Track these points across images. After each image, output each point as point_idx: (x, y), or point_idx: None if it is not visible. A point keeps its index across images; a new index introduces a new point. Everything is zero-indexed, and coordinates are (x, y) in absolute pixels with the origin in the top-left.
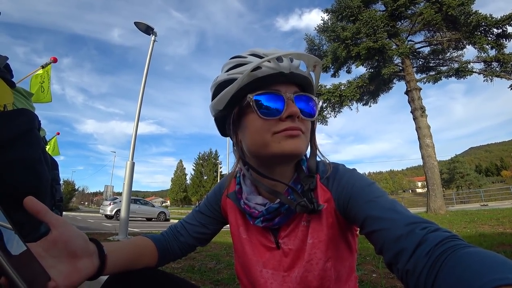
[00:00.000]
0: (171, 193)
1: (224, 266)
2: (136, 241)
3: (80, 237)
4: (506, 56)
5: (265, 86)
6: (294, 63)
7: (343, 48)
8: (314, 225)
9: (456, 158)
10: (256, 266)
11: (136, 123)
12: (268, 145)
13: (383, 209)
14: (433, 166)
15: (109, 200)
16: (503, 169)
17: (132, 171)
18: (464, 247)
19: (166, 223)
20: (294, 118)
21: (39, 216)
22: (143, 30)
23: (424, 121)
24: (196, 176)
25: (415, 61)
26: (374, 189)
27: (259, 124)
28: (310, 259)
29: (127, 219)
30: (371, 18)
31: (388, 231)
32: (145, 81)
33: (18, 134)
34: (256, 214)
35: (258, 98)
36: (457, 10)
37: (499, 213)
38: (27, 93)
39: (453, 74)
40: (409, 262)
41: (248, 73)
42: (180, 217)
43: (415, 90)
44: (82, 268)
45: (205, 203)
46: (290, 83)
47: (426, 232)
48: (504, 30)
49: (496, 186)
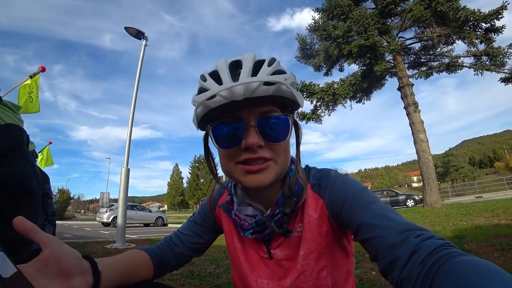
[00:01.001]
0: (168, 198)
1: (224, 270)
2: (131, 254)
3: (73, 254)
4: (495, 50)
5: (224, 113)
6: (251, 86)
7: (334, 46)
8: (307, 235)
9: (450, 152)
10: (252, 276)
11: (130, 128)
12: (233, 175)
13: (376, 216)
14: (427, 160)
15: (105, 207)
16: (496, 161)
17: (128, 178)
18: (457, 256)
19: (164, 228)
20: (254, 148)
21: (29, 235)
22: (134, 35)
23: (417, 116)
24: (192, 179)
25: (406, 58)
26: (367, 194)
27: (222, 153)
28: (304, 270)
29: (124, 226)
30: (361, 16)
31: (382, 238)
32: (138, 85)
33: (6, 151)
34: (246, 226)
35: (215, 128)
36: (446, 6)
37: (494, 204)
38: (14, 106)
39: (444, 69)
40: (404, 270)
41: (202, 103)
42: (178, 221)
43: (407, 86)
44: (76, 286)
45: (200, 213)
46: (254, 106)
47: (420, 240)
48: (492, 25)
49: (489, 177)
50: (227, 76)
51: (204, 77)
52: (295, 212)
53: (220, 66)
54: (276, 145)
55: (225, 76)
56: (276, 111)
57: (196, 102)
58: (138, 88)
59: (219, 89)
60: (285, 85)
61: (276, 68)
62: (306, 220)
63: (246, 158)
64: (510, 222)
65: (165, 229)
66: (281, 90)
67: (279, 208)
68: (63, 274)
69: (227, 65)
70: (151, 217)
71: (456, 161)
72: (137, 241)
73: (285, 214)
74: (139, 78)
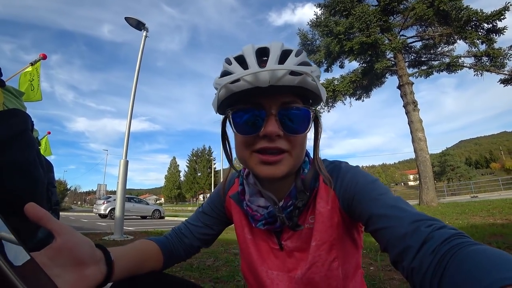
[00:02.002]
0: (165, 191)
1: (223, 263)
2: (141, 244)
3: (86, 243)
4: (495, 51)
5: (245, 100)
6: (277, 73)
7: (336, 43)
8: (318, 226)
9: (447, 151)
10: (262, 267)
11: (129, 120)
12: (248, 162)
13: (387, 206)
14: (425, 159)
15: (102, 199)
16: (492, 162)
17: (126, 169)
18: (471, 245)
19: (161, 221)
20: (272, 137)
21: (41, 223)
22: (134, 25)
23: (416, 115)
24: (190, 172)
25: (407, 56)
26: (378, 186)
27: (239, 139)
28: (315, 261)
29: (122, 218)
30: (364, 13)
31: (393, 229)
32: (137, 77)
33: (12, 136)
34: (258, 217)
35: (236, 114)
36: (449, 5)
37: (489, 204)
38: (17, 92)
39: (445, 68)
40: (415, 259)
41: (225, 86)
42: (174, 215)
43: (407, 85)
44: (90, 276)
45: (209, 203)
46: (277, 95)
47: (431, 229)
48: (494, 25)
49: (485, 178)
50: (254, 61)
51: (229, 60)
52: (307, 205)
53: (247, 51)
54: (294, 137)
55: (252, 61)
56: (298, 102)
57: (218, 85)
58: (138, 80)
59: (244, 73)
60: (312, 76)
61: (303, 59)
62: (318, 211)
63: (263, 146)
64: (505, 221)
65: (162, 222)
66: (306, 81)
67: (291, 200)
68: (77, 263)
69: (254, 50)
70: (148, 210)
71: (453, 160)
72: (135, 233)
73: (296, 208)
74: (139, 70)
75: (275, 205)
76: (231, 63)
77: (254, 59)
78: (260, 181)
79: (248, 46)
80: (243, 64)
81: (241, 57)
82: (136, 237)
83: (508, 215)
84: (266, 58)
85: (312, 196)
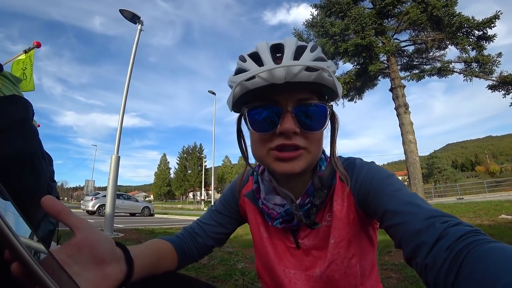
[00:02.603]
0: (155, 188)
1: (218, 262)
2: (157, 244)
3: (107, 240)
4: (485, 58)
5: (261, 96)
6: (293, 69)
7: (331, 44)
8: (336, 224)
9: (435, 154)
10: (279, 266)
11: (122, 115)
12: (264, 160)
13: (402, 202)
14: (415, 161)
15: (90, 195)
16: (477, 165)
17: (118, 165)
18: (487, 242)
19: (150, 218)
20: (289, 134)
21: (60, 217)
22: (129, 18)
23: (407, 117)
24: (180, 170)
25: (399, 59)
26: (393, 181)
27: (255, 137)
28: (334, 258)
29: (113, 215)
30: (359, 15)
31: (407, 225)
32: (131, 71)
33: (12, 124)
34: (275, 215)
35: (252, 111)
36: (442, 11)
37: (475, 206)
38: (15, 78)
39: (436, 73)
40: (429, 256)
41: (240, 84)
42: (164, 212)
43: (399, 88)
44: (111, 274)
45: (222, 201)
46: (293, 92)
47: (446, 226)
48: (484, 33)
49: (470, 180)
50: (269, 57)
51: (243, 57)
52: (324, 203)
53: (261, 48)
54: (311, 133)
55: (267, 58)
56: (314, 99)
57: (233, 83)
58: (131, 74)
59: (260, 70)
60: (328, 72)
61: (318, 54)
62: (335, 208)
63: (280, 144)
64: (492, 222)
65: (152, 220)
66: (323, 77)
67: (309, 198)
68: (97, 261)
69: (268, 47)
70: (138, 207)
71: (440, 163)
72: (125, 231)
73: (314, 205)
74: (133, 64)
75: (292, 203)
76: (246, 60)
77: (269, 55)
78: (276, 178)
79: (262, 43)
80: (258, 61)
81: (256, 54)
82: (127, 234)
83: (494, 216)
84: (280, 55)
85: (330, 193)
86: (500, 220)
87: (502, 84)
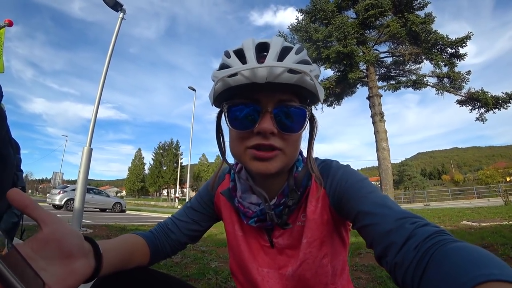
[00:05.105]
0: (128, 183)
1: (191, 260)
2: (129, 238)
3: (75, 235)
4: (456, 74)
5: (242, 94)
6: (275, 70)
7: (314, 49)
8: (309, 224)
9: (406, 162)
10: (253, 264)
11: (97, 105)
12: (242, 158)
13: (374, 204)
14: (387, 168)
15: (58, 189)
16: (444, 174)
17: (89, 158)
18: (451, 242)
19: (122, 214)
20: (266, 134)
21: (26, 211)
22: (111, 5)
23: (382, 126)
24: (155, 166)
25: (378, 69)
26: (367, 184)
27: (233, 134)
28: (306, 258)
29: (82, 210)
30: (343, 24)
31: (378, 225)
32: (109, 61)
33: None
34: (250, 214)
35: (232, 108)
36: (420, 27)
37: (440, 212)
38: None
39: (411, 85)
40: (398, 255)
41: (222, 79)
42: (137, 209)
43: (376, 97)
44: (78, 269)
45: (197, 199)
46: (274, 92)
47: (415, 226)
48: (456, 51)
49: (437, 188)
50: (253, 56)
51: (228, 53)
52: (299, 204)
53: (247, 45)
54: (288, 135)
55: (251, 56)
56: (294, 101)
57: (216, 78)
58: (109, 63)
59: (242, 68)
60: (310, 76)
61: (303, 57)
62: (308, 209)
63: (257, 143)
64: (454, 228)
65: (123, 216)
66: (305, 80)
67: (284, 198)
68: (65, 255)
69: (254, 45)
70: (109, 202)
71: (410, 171)
72: (94, 227)
73: (287, 206)
74: (112, 53)
75: (265, 202)
76: (230, 56)
77: (253, 54)
78: (252, 177)
79: (248, 40)
80: (242, 58)
81: (241, 51)
82: (96, 230)
83: (457, 222)
84: (265, 54)
85: (304, 194)
86: (461, 225)
87: (470, 100)
